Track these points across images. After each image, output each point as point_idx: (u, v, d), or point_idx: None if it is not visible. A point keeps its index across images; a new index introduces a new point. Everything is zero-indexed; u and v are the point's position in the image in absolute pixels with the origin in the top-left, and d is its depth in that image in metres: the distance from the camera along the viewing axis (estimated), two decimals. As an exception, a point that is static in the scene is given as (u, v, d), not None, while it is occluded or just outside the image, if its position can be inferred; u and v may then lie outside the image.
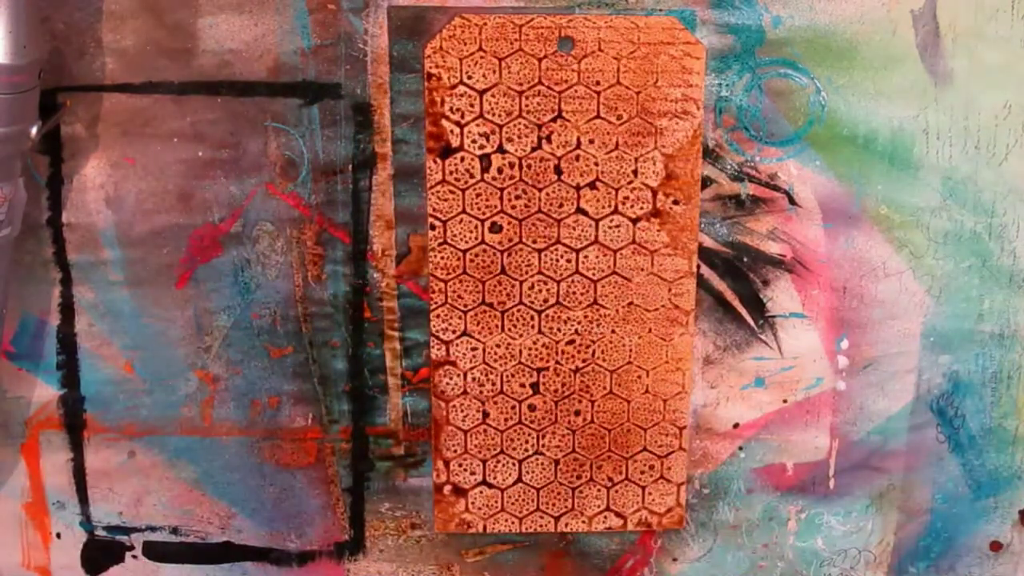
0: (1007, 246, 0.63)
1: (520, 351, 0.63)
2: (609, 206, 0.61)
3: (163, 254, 0.62)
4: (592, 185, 0.61)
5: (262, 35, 0.59)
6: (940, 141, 0.61)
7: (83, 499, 0.65)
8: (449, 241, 0.61)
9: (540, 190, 0.61)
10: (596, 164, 0.60)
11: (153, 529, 0.66)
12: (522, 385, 0.63)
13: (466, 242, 0.61)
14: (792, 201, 0.62)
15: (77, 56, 0.58)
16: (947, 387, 0.65)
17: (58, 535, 0.66)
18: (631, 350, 0.63)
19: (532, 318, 0.62)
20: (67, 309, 0.62)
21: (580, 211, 0.61)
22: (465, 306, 0.62)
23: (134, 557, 0.67)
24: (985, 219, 0.63)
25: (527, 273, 0.62)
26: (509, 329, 0.62)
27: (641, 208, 0.61)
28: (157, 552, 0.67)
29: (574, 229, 0.61)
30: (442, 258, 0.61)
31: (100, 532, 0.66)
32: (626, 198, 0.61)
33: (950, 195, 0.62)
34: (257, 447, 0.65)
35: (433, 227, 0.61)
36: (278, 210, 0.61)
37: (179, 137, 0.60)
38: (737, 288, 0.63)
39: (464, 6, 0.58)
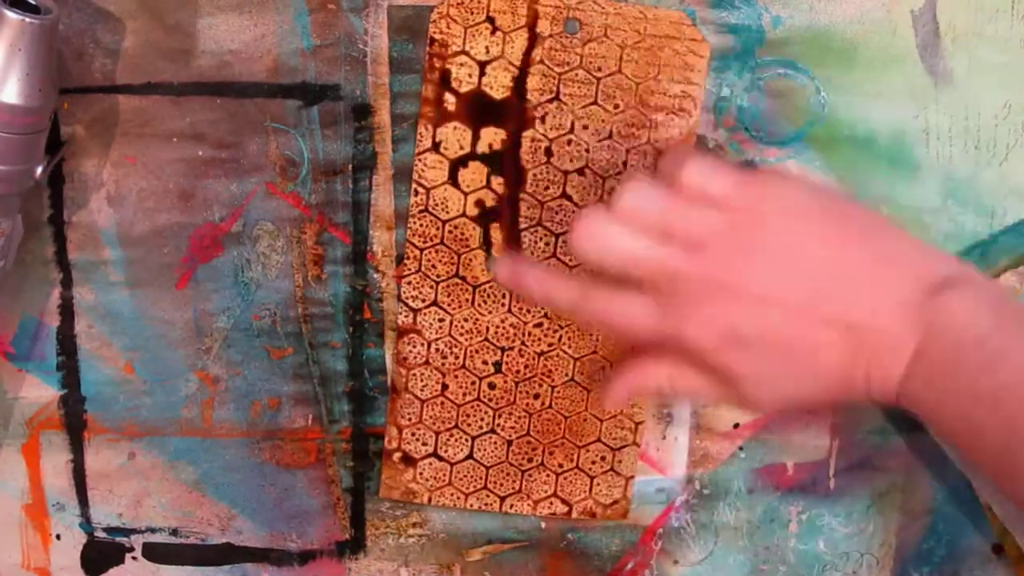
0: (1008, 246, 0.63)
1: (487, 328, 0.62)
2: (595, 195, 0.61)
3: (163, 254, 0.62)
4: (580, 171, 0.60)
5: (262, 35, 0.59)
6: (940, 141, 0.61)
7: (83, 500, 0.65)
8: (430, 209, 0.61)
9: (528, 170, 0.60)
10: (587, 151, 0.60)
11: (153, 530, 0.66)
12: (484, 362, 0.63)
13: (447, 213, 0.61)
14: (792, 201, 0.62)
15: (76, 57, 0.59)
16: (948, 387, 0.65)
17: (58, 536, 0.66)
18: (597, 339, 0.63)
19: (503, 296, 0.62)
20: (67, 310, 0.62)
21: (565, 196, 0.61)
22: (438, 276, 0.62)
23: (134, 559, 0.66)
24: (986, 219, 0.63)
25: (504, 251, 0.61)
26: (479, 305, 0.62)
27: None
28: (157, 554, 0.66)
29: (557, 213, 0.61)
30: (421, 225, 0.61)
31: (100, 533, 0.66)
32: (613, 188, 0.60)
33: (950, 195, 0.62)
34: (257, 448, 0.65)
35: (416, 193, 0.61)
36: (278, 210, 0.61)
37: (179, 137, 0.60)
38: (737, 288, 0.63)
39: None
